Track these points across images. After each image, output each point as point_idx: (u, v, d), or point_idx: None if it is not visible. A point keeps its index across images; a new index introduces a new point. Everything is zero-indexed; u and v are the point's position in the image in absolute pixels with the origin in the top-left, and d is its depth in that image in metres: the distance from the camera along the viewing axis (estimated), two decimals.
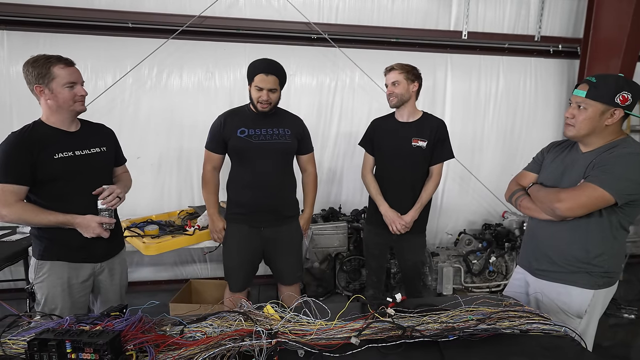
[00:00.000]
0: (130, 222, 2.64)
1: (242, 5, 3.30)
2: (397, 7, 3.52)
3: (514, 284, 1.80)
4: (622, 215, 1.47)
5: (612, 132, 1.49)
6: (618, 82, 1.43)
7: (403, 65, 2.23)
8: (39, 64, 1.56)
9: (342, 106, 3.63)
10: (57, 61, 1.57)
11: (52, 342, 0.97)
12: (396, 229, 2.25)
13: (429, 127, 2.26)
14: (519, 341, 1.19)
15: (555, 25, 3.78)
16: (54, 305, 1.67)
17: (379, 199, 2.31)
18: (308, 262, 3.18)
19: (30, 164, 1.55)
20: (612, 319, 3.10)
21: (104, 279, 1.81)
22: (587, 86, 1.45)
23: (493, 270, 3.42)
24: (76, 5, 3.01)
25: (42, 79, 1.55)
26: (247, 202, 2.11)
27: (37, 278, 1.68)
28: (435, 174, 2.30)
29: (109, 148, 1.82)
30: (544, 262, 1.62)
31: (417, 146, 2.24)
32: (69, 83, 1.58)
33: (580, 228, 1.50)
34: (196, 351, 1.04)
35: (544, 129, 3.92)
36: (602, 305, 1.58)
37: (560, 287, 1.56)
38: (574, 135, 1.52)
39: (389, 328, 1.20)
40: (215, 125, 2.13)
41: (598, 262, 1.51)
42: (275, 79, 2.02)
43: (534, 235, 1.70)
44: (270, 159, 2.08)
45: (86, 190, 1.66)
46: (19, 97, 3.06)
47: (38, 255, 1.68)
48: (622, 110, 1.43)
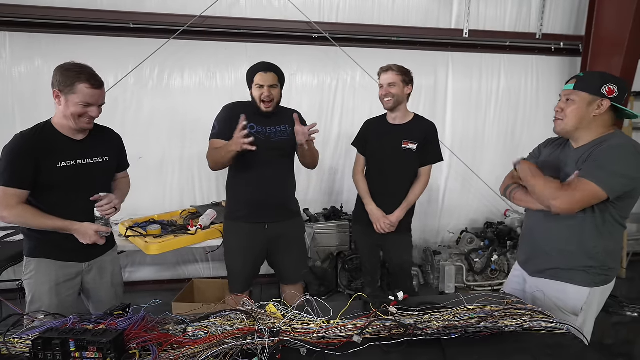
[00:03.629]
0: (132, 221, 2.64)
1: (243, 5, 3.31)
2: (397, 5, 3.52)
3: (513, 280, 1.81)
4: (615, 211, 1.47)
5: (601, 126, 1.50)
6: (604, 76, 1.49)
7: (400, 67, 2.25)
8: (69, 75, 1.55)
9: (343, 105, 3.63)
10: (86, 80, 1.56)
11: (56, 341, 0.98)
12: (380, 228, 2.27)
13: (419, 130, 2.29)
14: (521, 339, 1.19)
15: (557, 22, 3.77)
16: (41, 304, 1.66)
17: (367, 198, 2.35)
18: (310, 261, 3.18)
19: (33, 170, 1.57)
20: (615, 317, 3.09)
21: (92, 278, 1.80)
22: (575, 80, 1.51)
23: (495, 268, 3.42)
24: (77, 6, 3.02)
25: (64, 87, 1.56)
26: (249, 199, 2.10)
27: (25, 275, 1.71)
28: (423, 176, 2.33)
29: (112, 157, 1.82)
30: (541, 260, 1.63)
31: (407, 148, 2.27)
32: (85, 102, 1.59)
33: (576, 225, 1.51)
34: (199, 350, 1.04)
35: (545, 127, 3.88)
36: (598, 303, 1.58)
37: (557, 284, 1.57)
38: (562, 129, 1.54)
39: (391, 326, 1.20)
40: (225, 113, 2.10)
41: (595, 259, 1.51)
42: (274, 75, 2.04)
43: (530, 233, 1.70)
44: (272, 156, 2.08)
45: (84, 198, 1.66)
46: (21, 98, 3.08)
47: (26, 252, 1.71)
48: (609, 101, 1.45)
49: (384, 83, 2.25)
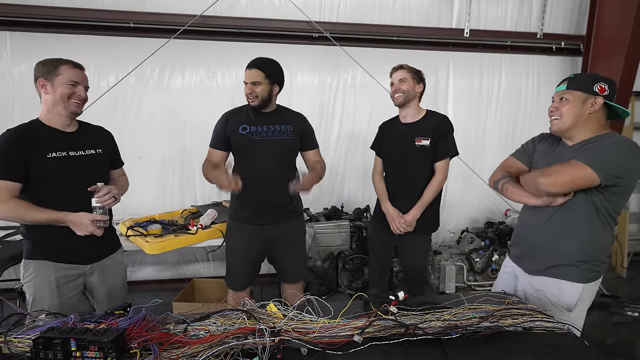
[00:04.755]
0: (133, 221, 2.64)
1: (244, 5, 3.31)
2: (398, 5, 3.51)
3: (503, 277, 1.81)
4: (610, 205, 1.49)
5: (596, 123, 1.52)
6: (595, 76, 1.54)
7: (410, 67, 2.26)
8: (49, 61, 1.62)
9: (344, 105, 3.63)
10: (67, 62, 1.64)
11: (57, 340, 0.98)
12: (396, 228, 2.26)
13: (431, 125, 2.25)
14: (522, 339, 1.19)
15: (557, 22, 3.76)
16: (42, 305, 1.63)
17: (383, 198, 2.34)
18: (311, 260, 3.18)
19: (24, 161, 1.56)
20: (615, 317, 3.09)
21: (94, 280, 1.77)
22: (567, 81, 1.57)
23: (496, 268, 3.41)
24: (78, 5, 3.02)
25: (48, 74, 1.60)
26: (251, 199, 2.10)
27: (25, 277, 1.67)
28: (439, 171, 2.28)
29: (105, 151, 1.81)
30: (534, 256, 1.64)
31: (421, 145, 2.24)
32: (71, 81, 1.62)
33: (570, 219, 1.53)
34: (200, 349, 1.04)
35: (546, 126, 3.77)
36: (590, 298, 1.60)
37: (551, 281, 1.58)
38: (559, 128, 1.57)
39: (392, 326, 1.20)
40: (218, 124, 2.16)
41: (588, 254, 1.53)
42: (257, 72, 2.02)
43: (525, 229, 1.71)
44: (272, 156, 2.08)
45: (78, 192, 1.64)
46: (22, 97, 3.08)
47: (25, 254, 1.68)
48: (602, 99, 1.48)
49: (395, 80, 2.25)
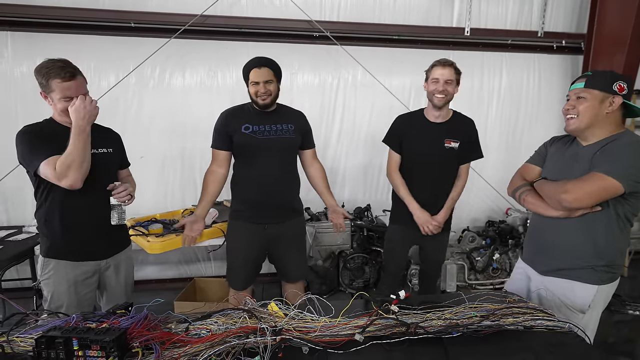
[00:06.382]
0: (134, 221, 2.65)
1: (244, 4, 3.30)
2: (398, 4, 3.51)
3: (516, 278, 1.79)
4: (628, 207, 1.46)
5: (613, 124, 1.49)
6: (613, 74, 1.49)
7: (457, 67, 2.16)
8: (41, 74, 1.57)
9: (345, 104, 3.63)
10: (55, 75, 1.56)
11: (60, 339, 0.99)
12: (428, 230, 2.25)
13: (461, 128, 2.24)
14: (523, 337, 1.19)
15: (558, 20, 3.76)
16: (60, 303, 1.69)
17: (409, 199, 2.27)
18: (312, 260, 3.18)
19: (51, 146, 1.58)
20: (617, 316, 3.09)
21: (110, 275, 1.84)
22: (585, 78, 1.50)
23: (497, 267, 3.41)
24: (79, 5, 3.02)
25: (44, 88, 1.59)
26: (252, 199, 2.11)
27: (43, 275, 1.71)
28: (463, 174, 2.31)
29: (115, 150, 1.85)
30: (549, 258, 1.61)
31: (450, 147, 2.21)
32: (65, 97, 1.59)
33: (586, 221, 1.49)
34: (201, 348, 1.04)
35: (547, 125, 3.90)
36: (604, 300, 1.58)
37: (564, 282, 1.56)
38: (577, 127, 1.51)
39: (393, 325, 1.20)
40: (219, 123, 2.13)
41: (604, 257, 1.50)
42: (268, 70, 2.01)
43: (538, 231, 1.69)
44: (275, 155, 2.07)
45: (91, 189, 1.67)
46: (23, 97, 3.08)
47: (44, 252, 1.72)
48: (621, 98, 1.44)
49: (441, 78, 2.11)
